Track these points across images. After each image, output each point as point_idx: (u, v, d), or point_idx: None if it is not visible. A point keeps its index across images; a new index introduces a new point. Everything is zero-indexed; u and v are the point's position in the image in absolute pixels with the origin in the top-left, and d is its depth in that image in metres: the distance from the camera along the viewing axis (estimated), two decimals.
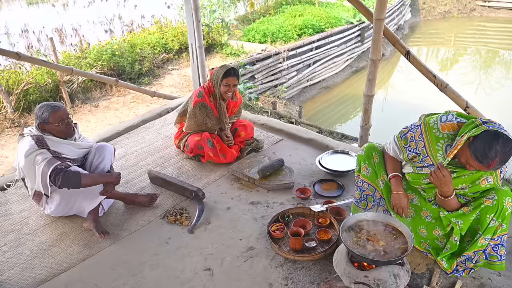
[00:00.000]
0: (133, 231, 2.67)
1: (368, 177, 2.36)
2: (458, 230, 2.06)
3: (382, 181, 2.31)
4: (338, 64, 10.18)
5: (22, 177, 2.62)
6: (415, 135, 2.07)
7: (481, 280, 2.17)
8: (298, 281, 2.21)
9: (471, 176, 1.99)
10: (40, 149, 2.45)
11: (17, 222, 2.80)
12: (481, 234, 2.02)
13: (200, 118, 3.33)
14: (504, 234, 2.05)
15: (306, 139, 3.73)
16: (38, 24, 11.48)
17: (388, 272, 1.93)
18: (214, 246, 2.52)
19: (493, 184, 1.99)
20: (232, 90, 3.27)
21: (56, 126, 2.52)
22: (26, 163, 2.44)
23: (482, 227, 2.01)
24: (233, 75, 3.22)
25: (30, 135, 2.51)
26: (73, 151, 2.63)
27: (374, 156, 2.33)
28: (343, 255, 2.06)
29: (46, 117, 2.49)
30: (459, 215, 2.06)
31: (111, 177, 2.65)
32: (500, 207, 1.95)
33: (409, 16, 14.46)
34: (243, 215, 2.78)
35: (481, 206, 1.99)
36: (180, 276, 2.30)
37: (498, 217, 1.97)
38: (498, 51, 12.47)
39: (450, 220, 2.08)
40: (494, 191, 1.98)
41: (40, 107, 2.52)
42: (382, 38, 3.12)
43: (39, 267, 2.41)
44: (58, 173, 2.38)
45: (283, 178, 3.08)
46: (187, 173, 3.29)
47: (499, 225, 2.00)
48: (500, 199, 1.95)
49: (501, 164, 1.79)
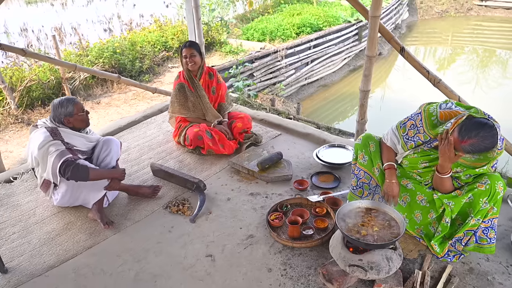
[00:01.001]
0: (137, 221, 2.77)
1: (364, 165, 2.46)
2: (449, 211, 2.15)
3: (378, 169, 2.41)
4: (335, 63, 10.29)
5: (33, 167, 2.72)
6: (415, 122, 2.16)
7: (470, 264, 2.27)
8: (296, 266, 2.31)
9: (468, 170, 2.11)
10: (54, 140, 2.55)
11: (24, 213, 2.89)
12: (472, 216, 2.12)
13: (182, 98, 3.52)
14: (494, 217, 2.15)
15: (304, 133, 3.84)
16: (37, 23, 11.54)
17: (381, 256, 2.03)
18: (215, 234, 2.62)
19: (486, 170, 2.10)
20: (193, 61, 3.41)
21: (80, 116, 2.68)
22: (40, 153, 2.55)
23: (474, 210, 2.11)
24: (186, 46, 3.42)
25: (45, 127, 2.61)
26: (84, 143, 2.75)
27: (370, 145, 2.43)
28: (338, 240, 2.17)
29: (71, 110, 2.63)
30: (452, 197, 2.16)
31: (117, 173, 2.76)
32: (493, 191, 2.05)
33: (406, 15, 14.58)
34: (243, 205, 2.88)
35: (474, 190, 2.09)
36: (183, 262, 2.40)
37: (490, 201, 2.07)
38: (495, 50, 12.59)
39: (443, 202, 2.17)
40: (487, 176, 2.09)
41: (60, 103, 2.64)
42: (377, 35, 3.22)
43: (47, 254, 2.51)
44: (68, 165, 2.48)
45: (282, 170, 3.19)
46: (188, 166, 3.39)
47: (491, 208, 2.10)
48: (493, 183, 2.05)
49: (472, 148, 1.87)
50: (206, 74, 3.60)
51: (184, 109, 3.54)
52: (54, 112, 2.65)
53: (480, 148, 1.88)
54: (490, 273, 2.21)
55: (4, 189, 3.17)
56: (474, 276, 2.19)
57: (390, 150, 2.36)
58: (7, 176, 3.33)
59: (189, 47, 3.42)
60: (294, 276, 2.24)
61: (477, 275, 2.20)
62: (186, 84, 3.51)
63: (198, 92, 3.52)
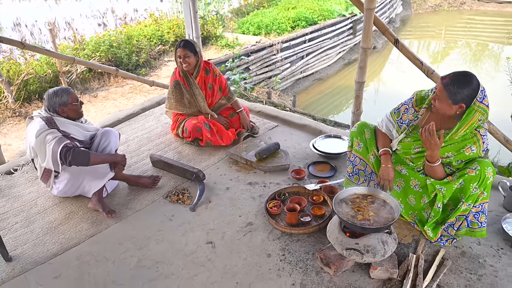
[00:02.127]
0: (138, 210, 2.82)
1: (359, 152, 2.53)
2: (441, 197, 2.24)
3: (373, 156, 2.48)
4: (330, 56, 10.36)
5: (32, 158, 2.76)
6: (408, 106, 2.31)
7: (462, 248, 2.36)
8: (294, 252, 2.38)
9: (457, 145, 2.19)
10: (50, 128, 2.59)
11: (26, 203, 2.93)
12: (463, 201, 2.20)
13: (178, 95, 3.54)
14: (485, 202, 2.23)
15: (301, 125, 3.90)
16: (31, 18, 11.45)
17: (377, 239, 2.11)
18: (215, 222, 2.68)
19: (476, 153, 2.18)
20: (186, 62, 3.40)
21: (74, 105, 2.71)
22: (37, 142, 2.58)
23: (465, 195, 2.19)
24: (181, 47, 3.38)
25: (40, 117, 2.65)
26: (80, 132, 2.78)
27: (365, 132, 2.51)
28: (335, 225, 2.24)
29: (66, 99, 2.67)
30: (444, 183, 2.24)
31: (117, 157, 2.81)
32: (483, 176, 2.13)
33: (400, 9, 14.66)
34: (241, 194, 2.94)
35: (465, 175, 2.17)
36: (184, 249, 2.46)
37: (480, 186, 2.15)
38: (488, 44, 12.72)
39: (435, 187, 2.26)
40: (477, 162, 2.17)
41: (54, 93, 2.67)
42: (372, 27, 3.28)
43: (50, 242, 2.55)
44: (68, 149, 2.53)
45: (279, 160, 3.25)
46: (187, 157, 3.44)
47: (481, 193, 2.18)
48: (483, 169, 2.13)
49: (451, 81, 2.05)
50: (203, 70, 3.58)
51: (180, 105, 3.57)
52: (49, 101, 2.68)
53: (460, 80, 2.04)
54: (482, 256, 2.29)
55: (5, 181, 3.21)
56: (466, 259, 2.28)
57: (385, 137, 2.44)
58: (8, 168, 3.36)
59: (183, 48, 3.36)
60: (292, 261, 2.31)
61: (469, 258, 2.28)
62: (182, 82, 3.52)
63: (193, 90, 3.54)
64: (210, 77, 3.63)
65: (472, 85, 2.04)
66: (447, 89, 2.05)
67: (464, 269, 2.21)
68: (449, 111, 2.11)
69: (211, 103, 3.68)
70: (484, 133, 2.17)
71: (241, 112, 3.70)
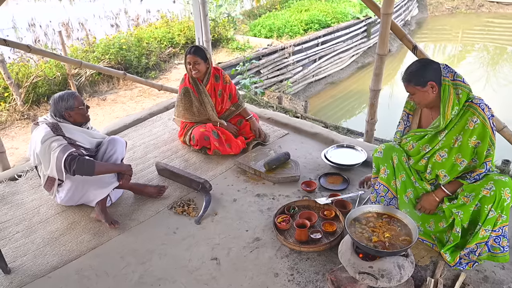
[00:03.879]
0: (141, 221, 2.72)
1: (384, 179, 2.37)
2: (459, 221, 2.09)
3: (399, 181, 2.33)
4: (344, 60, 10.18)
5: (36, 165, 2.69)
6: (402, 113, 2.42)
7: (485, 273, 2.20)
8: (304, 271, 2.25)
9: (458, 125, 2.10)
10: (56, 135, 2.52)
11: (28, 211, 2.86)
12: (481, 225, 2.05)
13: (187, 102, 3.43)
14: (504, 225, 2.07)
15: (312, 133, 3.76)
16: (45, 18, 11.57)
17: (393, 263, 1.96)
18: (220, 236, 2.56)
19: (480, 123, 2.03)
20: (196, 69, 3.30)
21: (81, 109, 2.65)
22: (42, 149, 2.51)
23: (481, 218, 2.04)
24: (191, 53, 3.28)
25: (45, 123, 2.58)
26: (86, 139, 2.70)
27: (394, 157, 2.33)
28: (348, 246, 2.10)
29: (72, 103, 2.60)
30: (459, 205, 2.10)
31: (123, 167, 2.72)
32: (498, 198, 1.98)
33: (416, 11, 14.40)
34: (249, 207, 2.82)
35: (479, 196, 2.02)
36: (187, 265, 2.35)
37: (496, 208, 2.00)
38: (506, 48, 12.39)
39: (452, 211, 2.12)
40: (493, 181, 2.01)
41: (60, 97, 2.61)
42: (389, 33, 3.13)
43: (50, 254, 2.47)
44: (73, 158, 2.45)
45: (289, 171, 3.12)
46: (194, 165, 3.34)
47: (499, 216, 2.03)
48: (498, 189, 1.98)
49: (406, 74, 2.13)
50: (213, 77, 3.47)
51: (189, 113, 3.46)
52: (55, 106, 2.61)
53: (413, 66, 2.11)
54: (506, 282, 2.13)
55: (9, 187, 3.15)
56: (489, 285, 2.12)
57: None
58: (12, 174, 3.31)
59: (194, 54, 3.27)
60: (301, 282, 2.18)
61: (492, 283, 2.12)
62: (191, 89, 3.41)
63: (203, 98, 3.43)
64: (220, 84, 3.52)
65: (428, 63, 2.11)
66: (410, 79, 2.11)
67: None
68: (427, 96, 2.12)
69: (220, 111, 3.57)
70: (478, 101, 2.06)
71: (251, 119, 3.58)
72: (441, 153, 2.17)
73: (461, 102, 2.07)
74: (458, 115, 2.09)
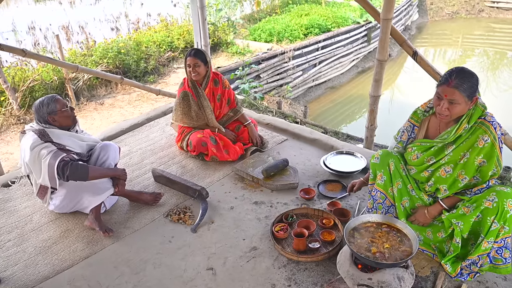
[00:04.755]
0: (136, 230, 2.67)
1: (381, 185, 2.32)
2: (458, 231, 2.05)
3: (396, 188, 2.28)
4: (344, 64, 10.15)
5: (28, 174, 2.63)
6: (406, 127, 2.31)
7: (487, 284, 2.14)
8: (301, 282, 2.19)
9: (468, 141, 2.04)
10: (44, 142, 2.46)
11: (21, 219, 2.81)
12: (483, 237, 2.00)
13: (185, 107, 3.39)
14: (507, 236, 2.02)
15: (311, 139, 3.71)
16: (45, 21, 11.55)
17: (392, 275, 1.91)
18: (217, 245, 2.51)
19: (490, 143, 1.97)
20: (196, 71, 3.27)
21: (64, 112, 2.58)
22: (31, 157, 2.45)
23: (483, 230, 1.99)
24: (191, 55, 3.26)
25: (32, 130, 2.52)
26: (76, 143, 2.64)
27: (390, 164, 2.28)
28: (346, 257, 2.04)
29: (54, 107, 2.54)
30: (459, 216, 2.05)
31: (118, 171, 2.67)
32: (501, 209, 1.93)
33: (416, 16, 14.38)
34: (246, 215, 2.77)
35: (481, 207, 1.97)
36: (182, 276, 2.29)
37: (499, 220, 1.95)
38: (506, 53, 12.36)
39: (451, 222, 2.07)
40: (495, 193, 1.96)
41: (41, 103, 2.55)
42: (389, 38, 3.09)
43: (42, 264, 2.41)
44: (66, 164, 2.39)
45: (288, 178, 3.07)
46: (191, 172, 3.29)
47: (501, 228, 1.98)
48: (501, 201, 1.93)
49: (460, 80, 1.92)
50: (212, 81, 3.44)
51: (187, 118, 3.42)
52: (37, 113, 2.56)
53: (464, 75, 1.94)
54: None
55: (2, 194, 3.09)
56: None
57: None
58: (5, 180, 3.26)
59: (194, 57, 3.26)
60: None
61: None
62: (190, 93, 3.38)
63: (202, 102, 3.39)
64: (219, 89, 3.48)
65: (475, 75, 1.98)
66: (462, 88, 1.93)
67: None
68: (465, 109, 1.99)
69: (218, 116, 3.52)
70: (491, 119, 2.01)
71: (249, 124, 3.53)
72: (447, 168, 2.11)
73: (474, 119, 2.01)
74: (469, 131, 2.03)
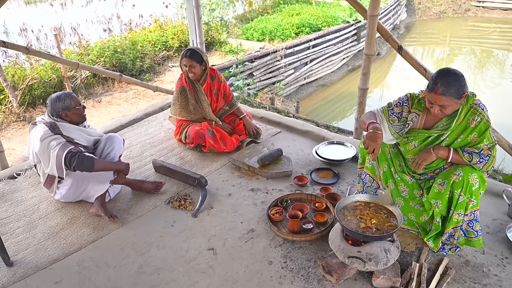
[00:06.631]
0: (139, 215, 2.82)
1: (369, 168, 2.48)
2: (438, 212, 2.25)
3: (382, 171, 2.45)
4: (334, 63, 10.36)
5: (35, 164, 2.77)
6: (402, 101, 2.37)
7: (466, 257, 2.33)
8: (296, 259, 2.36)
9: (461, 125, 2.19)
10: (54, 134, 2.60)
11: (28, 208, 2.94)
12: (453, 210, 2.20)
13: (183, 101, 3.54)
14: (475, 209, 2.21)
15: (304, 131, 3.89)
16: (37, 23, 11.56)
17: (380, 247, 2.09)
18: (216, 228, 2.67)
19: (480, 121, 2.13)
20: (192, 72, 3.42)
21: (77, 109, 2.73)
22: (40, 147, 2.59)
23: (453, 203, 2.19)
24: (187, 57, 3.39)
25: (43, 122, 2.66)
26: (83, 137, 2.79)
27: None
28: (338, 233, 2.22)
29: (69, 104, 2.69)
30: (435, 194, 2.24)
31: (121, 165, 2.80)
32: (466, 182, 2.12)
33: (404, 16, 14.67)
34: (243, 200, 2.93)
35: (450, 182, 2.17)
36: (185, 256, 2.45)
37: (465, 192, 2.14)
38: (492, 51, 12.68)
39: (430, 203, 2.27)
40: (461, 168, 2.16)
41: (57, 98, 2.69)
42: (376, 34, 3.28)
43: (51, 247, 2.55)
44: (73, 155, 2.53)
45: (282, 166, 3.24)
46: (189, 162, 3.44)
47: (469, 201, 2.16)
48: (466, 175, 2.12)
49: (445, 87, 2.05)
50: (209, 77, 3.59)
51: (185, 111, 3.57)
52: (52, 106, 2.70)
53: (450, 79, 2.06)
54: (486, 265, 2.26)
55: (8, 185, 3.22)
56: (470, 268, 2.25)
57: (375, 116, 2.38)
58: (11, 172, 3.37)
59: (189, 58, 3.36)
60: (294, 269, 2.29)
61: (473, 267, 2.26)
62: (188, 88, 3.52)
63: (200, 96, 3.55)
64: (216, 84, 3.64)
65: (459, 74, 2.10)
66: (449, 93, 2.07)
67: (468, 278, 2.19)
68: (457, 107, 2.15)
69: (215, 109, 3.68)
70: (478, 102, 2.18)
71: (244, 117, 3.70)
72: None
73: (467, 108, 2.17)
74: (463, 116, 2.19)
